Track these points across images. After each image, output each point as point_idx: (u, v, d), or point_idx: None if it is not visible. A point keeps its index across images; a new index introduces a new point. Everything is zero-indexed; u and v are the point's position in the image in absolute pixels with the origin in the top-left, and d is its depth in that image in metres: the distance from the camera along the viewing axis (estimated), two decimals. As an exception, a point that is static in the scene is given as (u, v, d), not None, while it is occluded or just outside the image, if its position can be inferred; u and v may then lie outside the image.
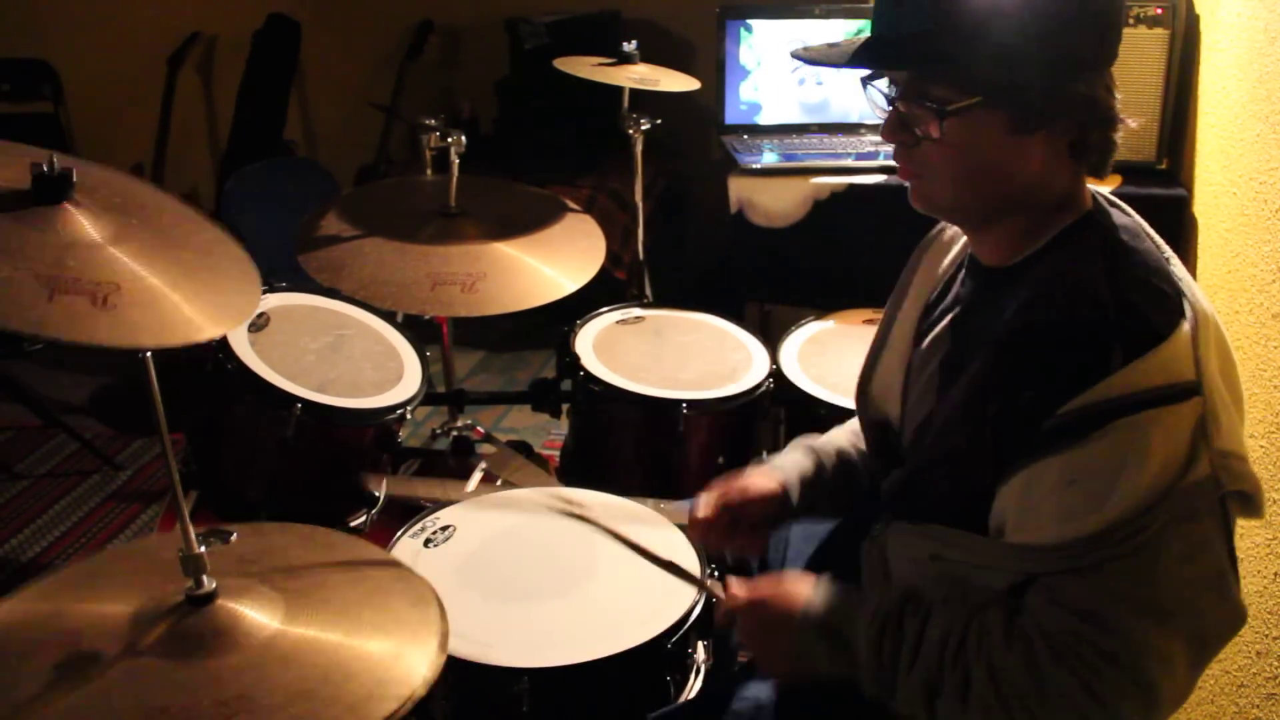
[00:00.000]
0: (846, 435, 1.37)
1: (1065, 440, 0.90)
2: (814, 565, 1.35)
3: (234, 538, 1.10)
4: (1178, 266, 0.99)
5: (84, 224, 1.15)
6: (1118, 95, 1.00)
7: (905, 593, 1.04)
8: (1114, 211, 1.04)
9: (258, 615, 1.03)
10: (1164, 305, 0.94)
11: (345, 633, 1.03)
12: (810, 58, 1.04)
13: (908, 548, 1.11)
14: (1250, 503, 0.95)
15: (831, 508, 1.33)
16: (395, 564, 1.19)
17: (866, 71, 1.04)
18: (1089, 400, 0.89)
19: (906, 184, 1.06)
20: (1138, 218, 1.05)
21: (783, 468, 1.31)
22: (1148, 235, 1.03)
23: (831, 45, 1.04)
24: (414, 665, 0.99)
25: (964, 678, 0.95)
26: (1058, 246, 1.01)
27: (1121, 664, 0.90)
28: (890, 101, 1.02)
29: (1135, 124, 1.02)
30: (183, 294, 1.06)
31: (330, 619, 1.05)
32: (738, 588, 1.13)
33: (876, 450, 1.26)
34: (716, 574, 1.32)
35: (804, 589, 1.08)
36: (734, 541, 1.29)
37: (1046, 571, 0.94)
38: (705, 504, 1.29)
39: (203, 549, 1.01)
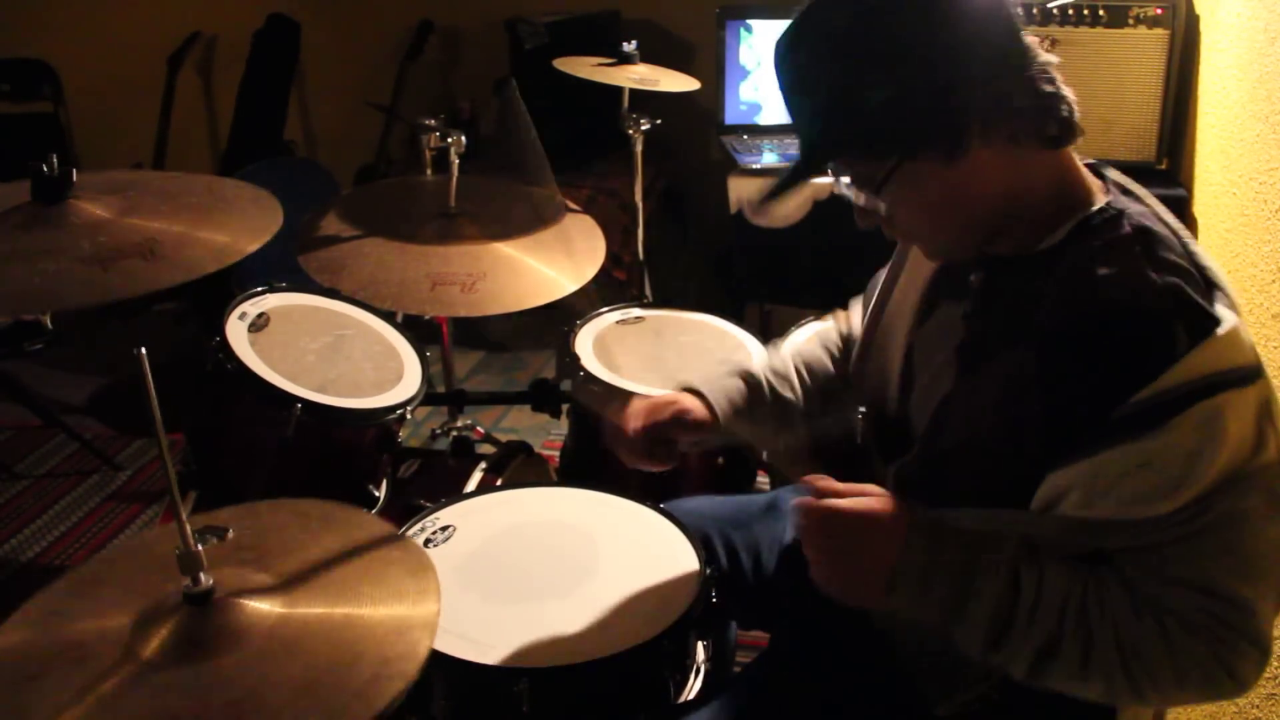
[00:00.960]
0: (792, 359, 1.41)
1: (1140, 428, 0.90)
2: (801, 575, 1.34)
3: (230, 534, 1.09)
4: (1199, 251, 0.99)
5: (93, 209, 1.25)
6: (1041, 60, 0.99)
7: (1017, 541, 0.99)
8: (1127, 201, 1.03)
9: (258, 605, 1.02)
10: (1207, 290, 0.94)
11: (347, 611, 1.02)
12: (757, 210, 1.10)
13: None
14: None
15: (760, 434, 1.38)
16: (391, 533, 1.19)
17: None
18: (1164, 386, 0.89)
19: None
20: (1156, 206, 1.04)
21: (714, 391, 1.36)
22: (1163, 220, 1.02)
23: (771, 181, 1.08)
24: (417, 639, 0.99)
25: (1087, 640, 0.93)
26: (1082, 237, 1.00)
27: (1242, 630, 0.91)
28: (852, 195, 1.06)
29: (1064, 87, 1.01)
30: (212, 228, 1.23)
31: (331, 598, 1.04)
32: (826, 483, 1.06)
33: (877, 433, 1.25)
34: (711, 573, 1.32)
35: (893, 511, 1.01)
36: (655, 456, 1.36)
37: (1121, 545, 0.94)
38: (635, 417, 1.35)
39: (199, 546, 1.00)
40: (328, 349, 1.84)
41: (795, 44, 0.99)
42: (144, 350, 0.92)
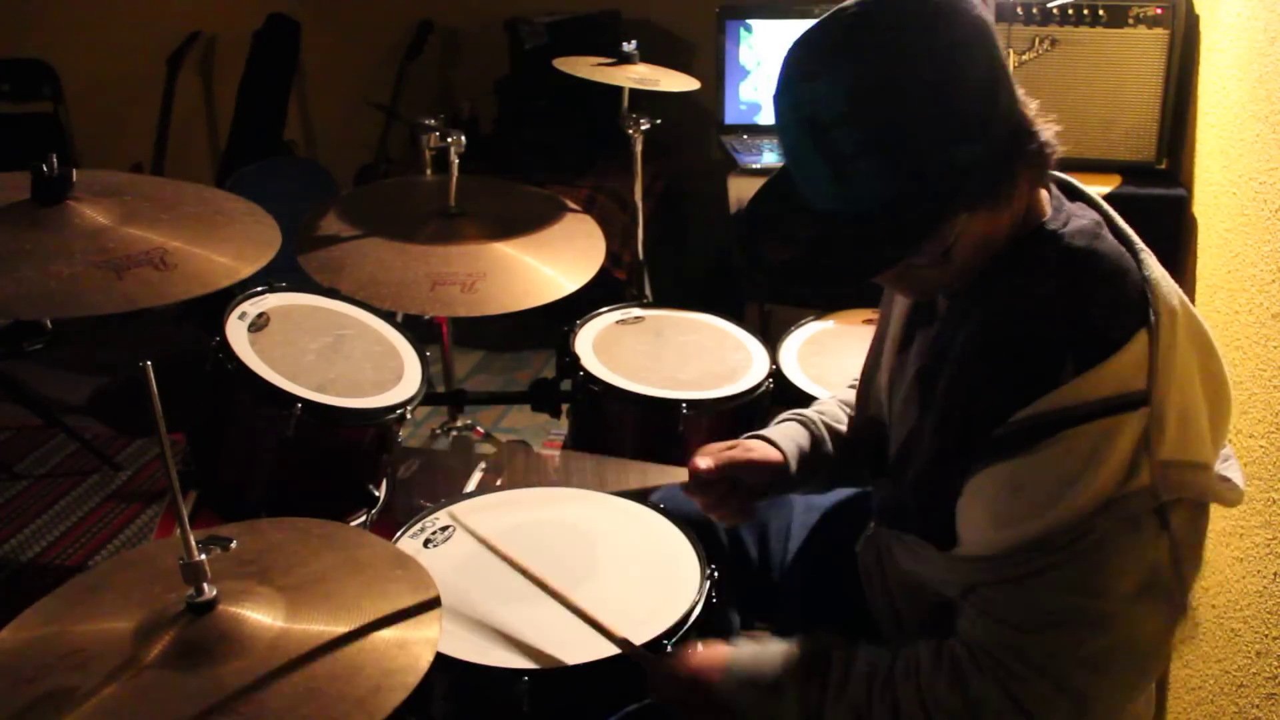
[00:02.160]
0: (834, 407, 1.37)
1: (1014, 448, 0.91)
2: (814, 560, 1.36)
3: (234, 544, 1.09)
4: (1148, 260, 0.98)
5: (92, 213, 1.26)
6: (1036, 109, 0.98)
7: (830, 637, 1.06)
8: (1074, 208, 1.03)
9: (260, 617, 1.03)
10: (1120, 313, 0.93)
11: (348, 626, 1.03)
12: (785, 274, 1.01)
13: (897, 554, 1.14)
14: (1220, 499, 0.96)
15: (826, 480, 1.34)
16: (391, 552, 1.20)
17: None
18: (1039, 409, 0.90)
19: None
20: (1106, 209, 1.04)
21: (781, 439, 1.30)
22: (1114, 231, 1.01)
23: (789, 238, 1.00)
24: (418, 653, 0.99)
25: (893, 704, 0.97)
26: (1013, 261, 1.00)
27: (1047, 672, 0.91)
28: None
29: (1055, 131, 0.99)
30: (215, 243, 1.29)
31: (332, 613, 1.05)
32: (655, 661, 1.15)
33: (868, 447, 1.26)
34: (711, 573, 1.32)
35: (722, 650, 1.11)
36: (729, 504, 1.27)
37: (984, 582, 0.96)
38: (706, 458, 1.25)
39: (203, 556, 1.01)
40: (328, 349, 1.84)
41: (867, 105, 0.89)
42: (149, 363, 0.92)
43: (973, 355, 0.98)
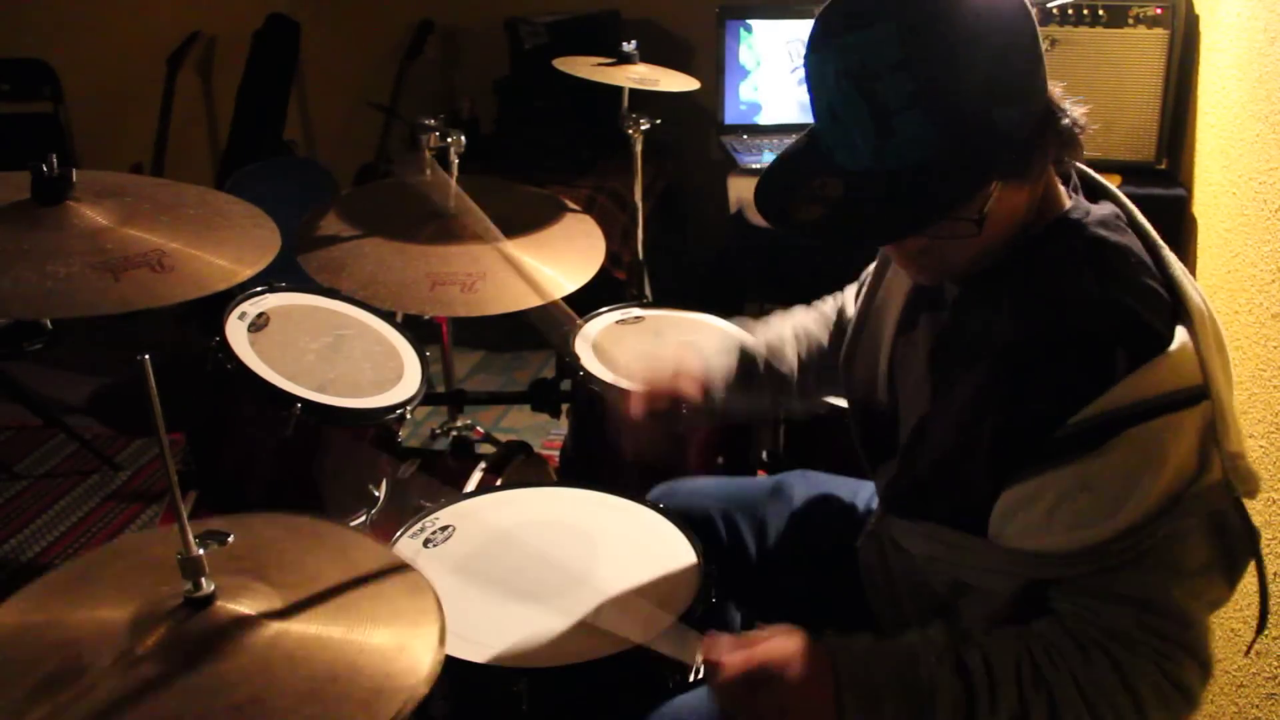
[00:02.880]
0: (791, 330, 1.41)
1: (1078, 450, 0.90)
2: (813, 557, 1.35)
3: (231, 539, 1.09)
4: (1169, 256, 0.98)
5: (92, 214, 1.30)
6: (1061, 93, 0.99)
7: (942, 627, 1.00)
8: (1095, 202, 1.03)
9: (258, 614, 1.02)
10: (1160, 306, 0.93)
11: (346, 627, 1.02)
12: (817, 231, 0.97)
13: (908, 545, 1.11)
14: (1249, 493, 0.96)
15: (755, 408, 1.39)
16: (387, 555, 1.19)
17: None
18: (1100, 409, 0.89)
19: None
20: (1123, 200, 1.04)
21: (710, 372, 1.36)
22: (1134, 224, 1.01)
23: (816, 196, 0.96)
24: (418, 657, 0.99)
25: (1049, 699, 0.93)
26: (1037, 250, 0.99)
27: (1185, 645, 0.92)
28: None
29: (1083, 112, 0.99)
30: (213, 245, 1.29)
31: (330, 613, 1.04)
32: (725, 651, 1.01)
33: (862, 432, 1.25)
34: (711, 572, 1.31)
35: (809, 644, 0.98)
36: (652, 438, 1.36)
37: (1065, 576, 0.94)
38: (636, 407, 1.34)
39: (201, 551, 1.00)
40: (327, 349, 1.84)
41: (918, 56, 0.88)
42: (147, 356, 0.92)
43: (1013, 351, 0.96)
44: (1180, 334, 0.91)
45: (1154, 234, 1.00)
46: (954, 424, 1.02)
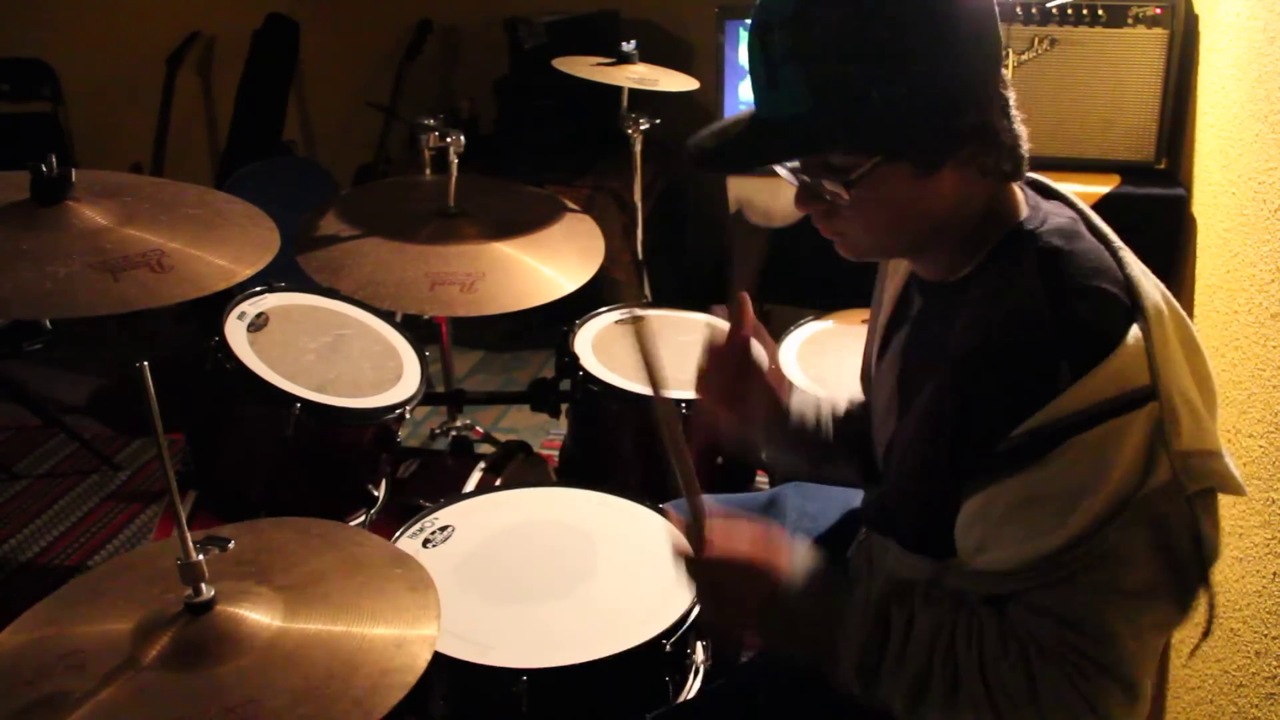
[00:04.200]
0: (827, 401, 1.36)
1: (1021, 462, 0.90)
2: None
3: (232, 545, 1.09)
4: (1127, 257, 0.97)
5: (92, 214, 1.31)
6: (1010, 96, 0.98)
7: (892, 584, 1.03)
8: (1050, 208, 1.02)
9: (258, 617, 1.03)
10: (1110, 310, 0.92)
11: (346, 626, 1.03)
12: (700, 157, 1.02)
13: (879, 561, 1.13)
14: (1227, 489, 0.95)
15: (804, 458, 1.33)
16: (391, 551, 1.20)
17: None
18: (1041, 421, 0.89)
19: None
20: (1082, 207, 1.03)
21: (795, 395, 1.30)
22: (1091, 229, 1.00)
23: (720, 133, 1.02)
24: (416, 652, 0.99)
25: (954, 675, 0.95)
26: (992, 263, 1.00)
27: (1106, 667, 0.91)
28: (795, 174, 1.02)
29: (1022, 121, 0.98)
30: (213, 244, 1.30)
31: (330, 613, 1.05)
32: (712, 530, 1.05)
33: (861, 457, 1.26)
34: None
35: (781, 550, 1.03)
36: (728, 402, 1.26)
37: (1012, 592, 0.95)
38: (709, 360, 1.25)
39: (200, 557, 1.01)
40: (327, 349, 1.84)
41: (806, 13, 0.92)
42: (146, 363, 0.92)
43: (960, 365, 0.97)
44: (1131, 334, 0.90)
45: (1111, 236, 0.99)
46: (914, 443, 1.02)
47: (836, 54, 0.92)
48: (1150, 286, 0.95)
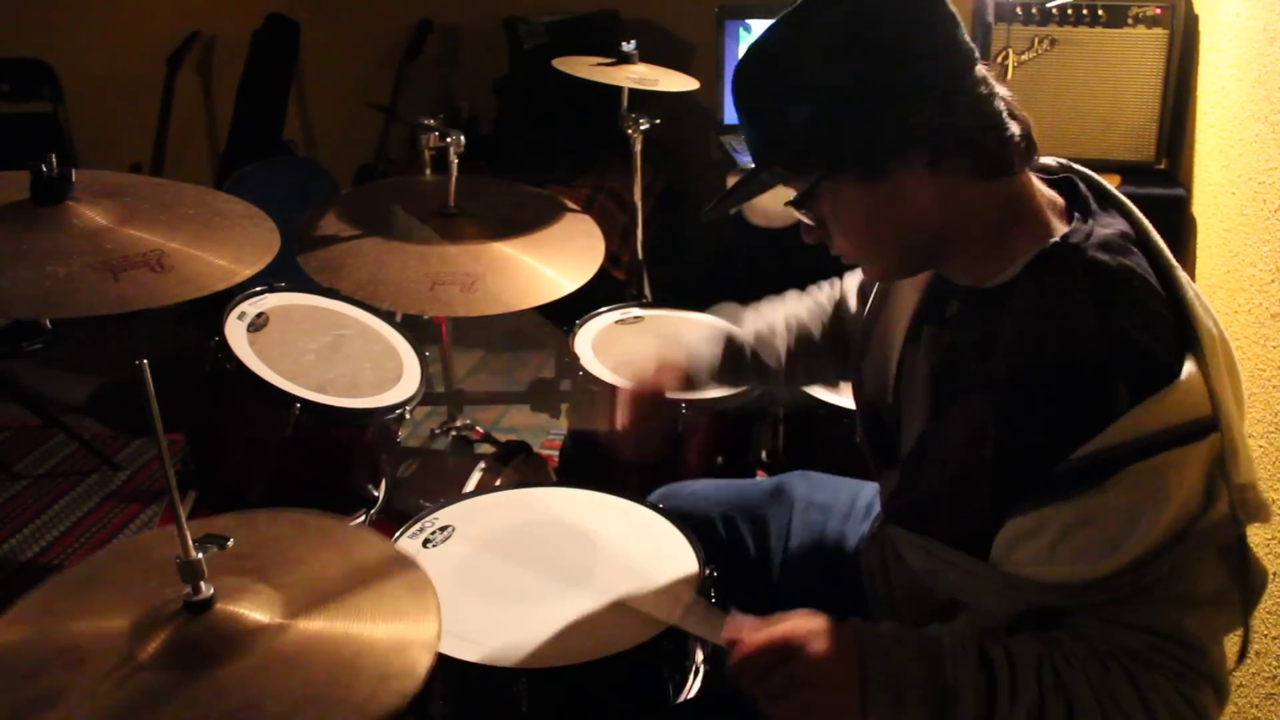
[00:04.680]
0: (783, 320, 1.42)
1: (1079, 486, 0.89)
2: (813, 559, 1.35)
3: (230, 543, 1.09)
4: (1181, 278, 0.95)
5: (91, 214, 1.30)
6: (997, 92, 0.97)
7: (965, 620, 1.01)
8: (1101, 219, 1.00)
9: (258, 616, 1.02)
10: (1165, 334, 0.91)
11: (346, 627, 1.02)
12: (709, 212, 1.14)
13: (907, 556, 1.12)
14: (1258, 520, 0.95)
15: (741, 390, 1.42)
16: (390, 550, 1.19)
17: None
18: (1101, 445, 0.88)
19: None
20: (1139, 219, 1.01)
21: (694, 362, 1.38)
22: (1144, 243, 0.98)
23: (732, 192, 1.12)
24: (416, 657, 0.99)
25: (1068, 701, 0.93)
26: (1036, 273, 0.98)
27: (1201, 671, 0.92)
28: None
29: (1010, 120, 0.98)
30: (213, 245, 1.31)
31: (330, 613, 1.04)
32: (747, 629, 1.01)
33: (869, 433, 1.25)
34: (711, 573, 1.31)
35: (834, 624, 0.98)
36: (644, 435, 1.37)
37: (1067, 605, 0.95)
38: (623, 407, 1.36)
39: (200, 555, 1.00)
40: (327, 349, 1.84)
41: (745, 57, 1.02)
42: (145, 361, 0.92)
43: (1010, 384, 0.95)
44: (1189, 365, 0.89)
45: (1166, 253, 0.98)
46: (956, 449, 1.01)
47: (752, 83, 1.00)
48: (1203, 311, 0.93)
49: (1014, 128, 0.97)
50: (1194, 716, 0.93)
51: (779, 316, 1.43)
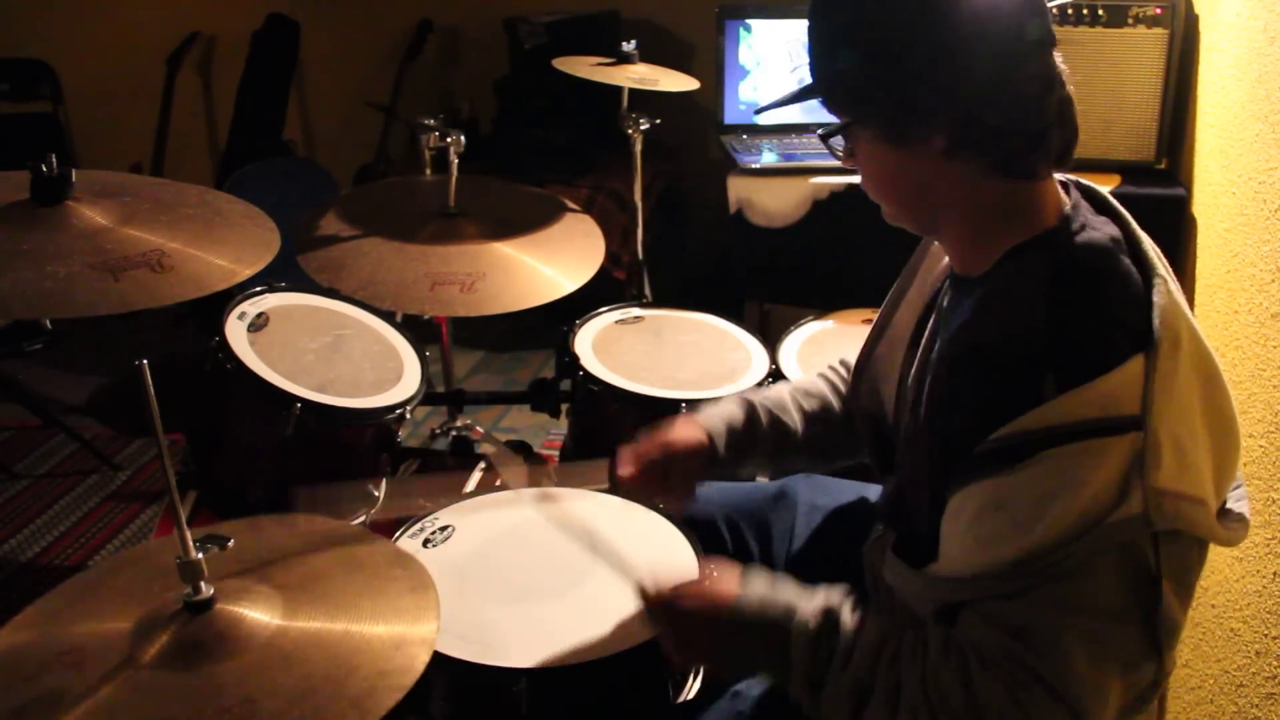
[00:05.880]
0: (789, 390, 1.39)
1: (994, 466, 0.90)
2: (817, 561, 1.35)
3: (231, 543, 1.09)
4: (1161, 287, 0.94)
5: (92, 214, 1.30)
6: (1048, 93, 0.96)
7: (840, 592, 1.04)
8: (1097, 223, 1.00)
9: (258, 615, 1.02)
10: (1112, 334, 0.91)
11: (346, 625, 1.03)
12: (766, 105, 1.15)
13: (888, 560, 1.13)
14: (1215, 537, 0.93)
15: (763, 461, 1.36)
16: (391, 551, 1.19)
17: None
18: (1020, 428, 0.88)
19: None
20: (1132, 227, 1.01)
21: (709, 417, 1.33)
22: (1134, 252, 0.98)
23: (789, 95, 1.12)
24: (414, 654, 0.99)
25: (895, 684, 0.94)
26: (1008, 262, 1.00)
27: (1048, 684, 0.89)
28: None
29: (1067, 121, 0.99)
30: (213, 244, 1.31)
31: (330, 612, 1.05)
32: (662, 583, 1.13)
33: (872, 447, 1.26)
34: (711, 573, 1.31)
35: (732, 582, 1.07)
36: (663, 495, 1.35)
37: (969, 600, 0.94)
38: (627, 461, 1.30)
39: (200, 555, 1.00)
40: (327, 349, 1.84)
41: None
42: (145, 362, 0.92)
43: (951, 362, 0.98)
44: (1133, 362, 0.89)
45: (1154, 262, 0.97)
46: (919, 435, 1.03)
47: (821, 13, 1.02)
48: (1175, 318, 0.92)
49: (1055, 135, 0.97)
50: None
51: (782, 387, 1.41)
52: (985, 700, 0.91)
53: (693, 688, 1.27)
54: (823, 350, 2.02)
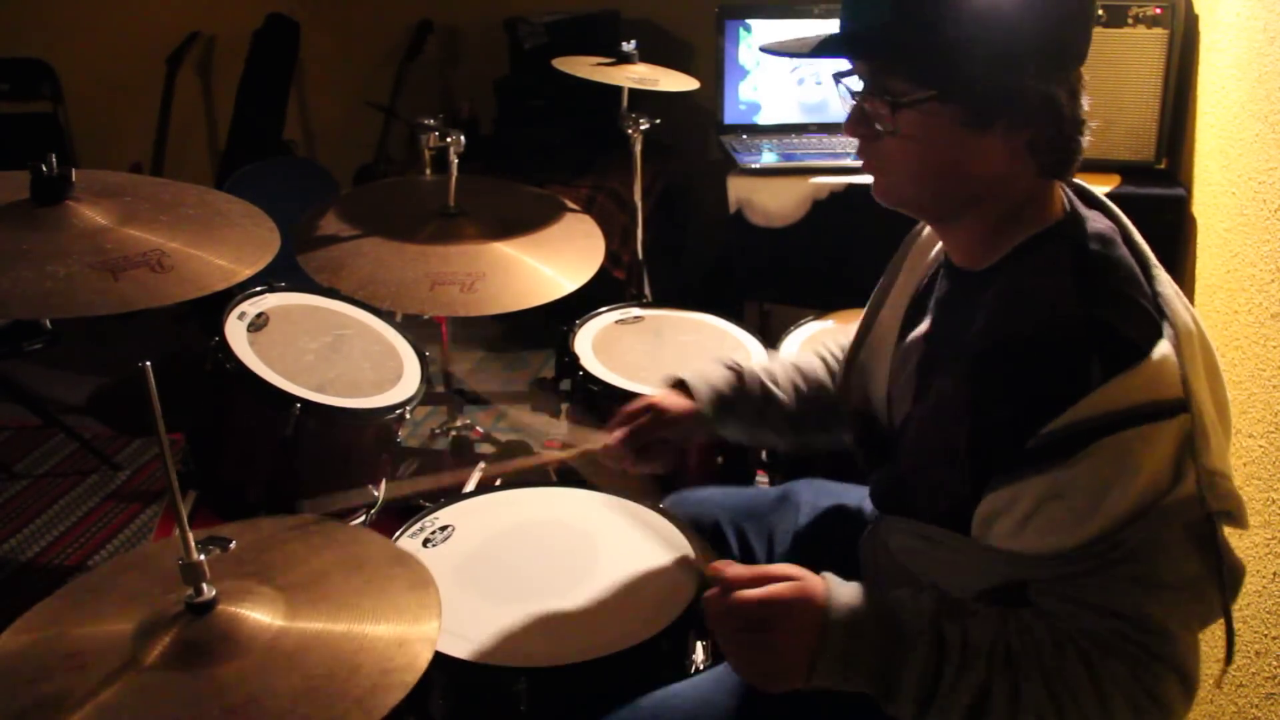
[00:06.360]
0: (777, 363, 1.41)
1: (1050, 459, 0.90)
2: (816, 558, 1.35)
3: (233, 545, 1.10)
4: (1159, 275, 0.98)
5: (91, 214, 1.30)
6: (1085, 98, 0.99)
7: (935, 596, 1.00)
8: (1091, 216, 1.03)
9: (259, 616, 1.03)
10: (1140, 319, 0.93)
11: (347, 625, 1.03)
12: (777, 49, 1.06)
13: (887, 539, 1.13)
14: (1233, 519, 0.94)
15: (752, 426, 1.37)
16: (391, 550, 1.20)
17: (843, 64, 1.04)
18: (1072, 419, 0.89)
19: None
20: (1123, 220, 1.03)
21: (697, 382, 1.37)
22: (1129, 241, 1.01)
23: (802, 39, 1.05)
24: (417, 652, 0.99)
25: (1014, 682, 0.93)
26: (1023, 256, 1.00)
27: (1158, 653, 0.91)
28: (854, 95, 1.03)
29: (1093, 125, 1.00)
30: (213, 245, 1.31)
31: (331, 612, 1.05)
32: (737, 571, 1.01)
33: (860, 440, 1.26)
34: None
35: (807, 601, 0.97)
36: (648, 465, 1.36)
37: (1039, 578, 0.94)
38: (616, 431, 1.34)
39: (202, 557, 1.01)
40: (327, 349, 1.84)
41: None
42: (149, 364, 0.92)
43: (984, 358, 0.96)
44: (1162, 347, 0.91)
45: (1147, 252, 1.00)
46: (934, 426, 1.02)
47: None
48: (1181, 308, 0.95)
49: (1083, 139, 0.99)
50: (1153, 706, 0.92)
51: (784, 357, 1.43)
52: (1111, 683, 0.91)
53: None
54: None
